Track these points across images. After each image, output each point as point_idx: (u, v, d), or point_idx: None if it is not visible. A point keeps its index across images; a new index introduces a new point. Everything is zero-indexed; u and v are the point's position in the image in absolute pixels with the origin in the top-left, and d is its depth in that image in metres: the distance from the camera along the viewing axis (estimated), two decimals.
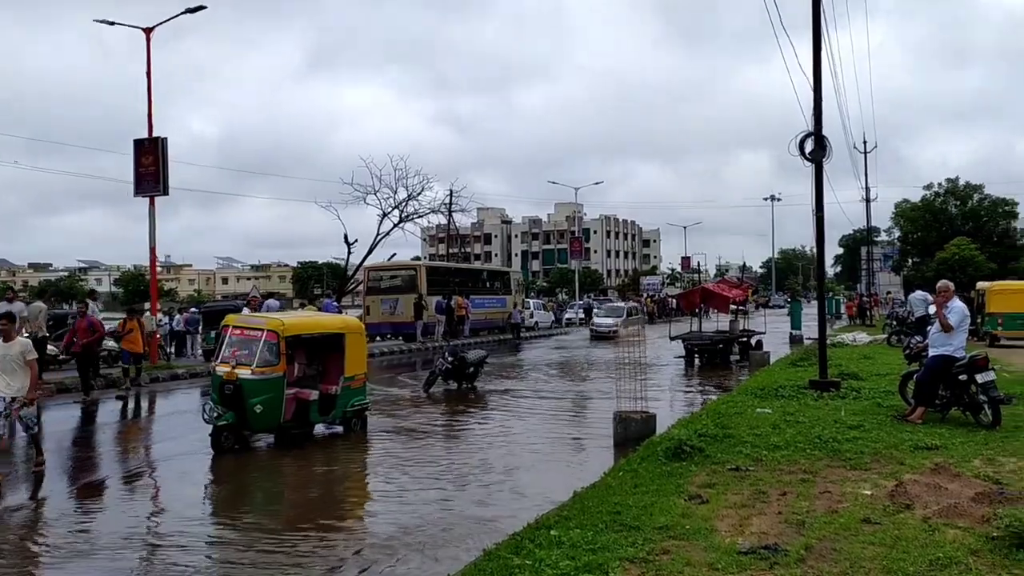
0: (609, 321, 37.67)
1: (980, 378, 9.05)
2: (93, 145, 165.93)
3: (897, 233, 66.38)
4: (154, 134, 20.65)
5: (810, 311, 34.34)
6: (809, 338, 28.12)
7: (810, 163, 12.69)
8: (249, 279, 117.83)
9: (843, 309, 51.99)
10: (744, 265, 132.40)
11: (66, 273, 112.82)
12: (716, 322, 26.82)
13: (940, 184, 62.08)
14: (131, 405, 16.09)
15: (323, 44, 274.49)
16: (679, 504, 6.64)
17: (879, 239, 74.67)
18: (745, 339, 24.81)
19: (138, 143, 20.66)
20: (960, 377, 9.27)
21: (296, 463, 10.60)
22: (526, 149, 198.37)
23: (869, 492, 6.60)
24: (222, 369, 11.03)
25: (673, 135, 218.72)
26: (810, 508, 6.28)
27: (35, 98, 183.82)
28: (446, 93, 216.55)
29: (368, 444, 11.64)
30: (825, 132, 12.90)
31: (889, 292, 52.01)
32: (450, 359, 17.30)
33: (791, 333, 31.04)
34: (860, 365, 16.04)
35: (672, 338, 23.14)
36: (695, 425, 10.04)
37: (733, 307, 23.76)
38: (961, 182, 61.14)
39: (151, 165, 20.27)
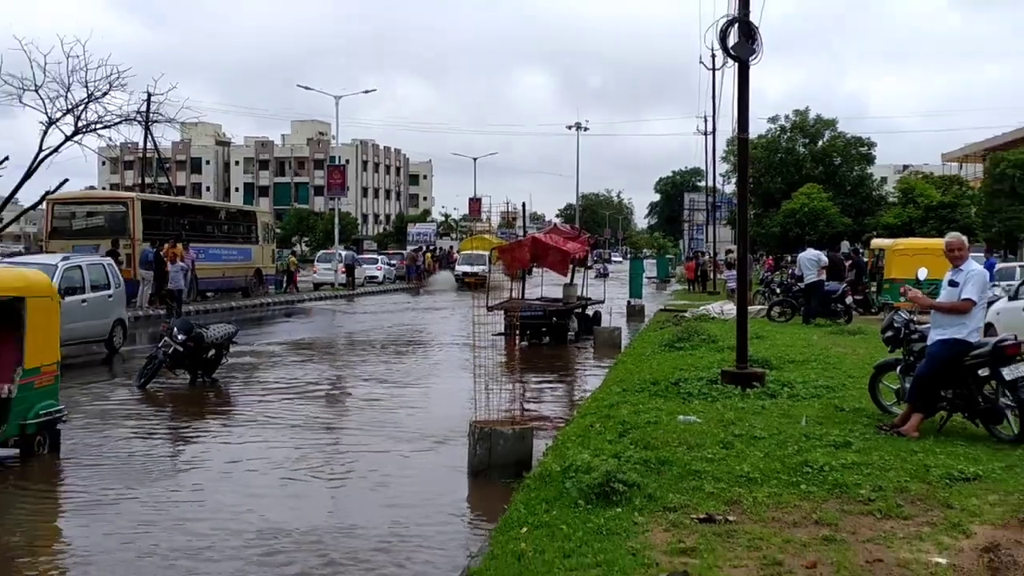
0: None
1: (1007, 373, 8.53)
2: None
3: (734, 177, 69.77)
4: None
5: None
6: (670, 309, 28.33)
7: (734, 60, 11.86)
8: None
9: (675, 271, 54.07)
10: (535, 214, 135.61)
11: None
12: (540, 287, 26.24)
13: (787, 117, 65.60)
14: None
15: None
16: None
17: (702, 185, 78.65)
18: (582, 310, 24.35)
19: None
20: (979, 372, 8.72)
21: None
22: (249, 53, 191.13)
23: (943, 560, 5.66)
24: None
25: (438, 46, 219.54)
26: None
27: None
28: None
29: (62, 481, 9.55)
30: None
31: (729, 251, 54.53)
32: (180, 338, 15.08)
33: (629, 302, 31.19)
34: (757, 347, 15.74)
35: (489, 308, 22.04)
36: (598, 443, 8.96)
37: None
38: (812, 115, 64.85)
39: None
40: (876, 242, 29.50)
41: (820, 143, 65.16)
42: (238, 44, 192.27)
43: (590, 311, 24.99)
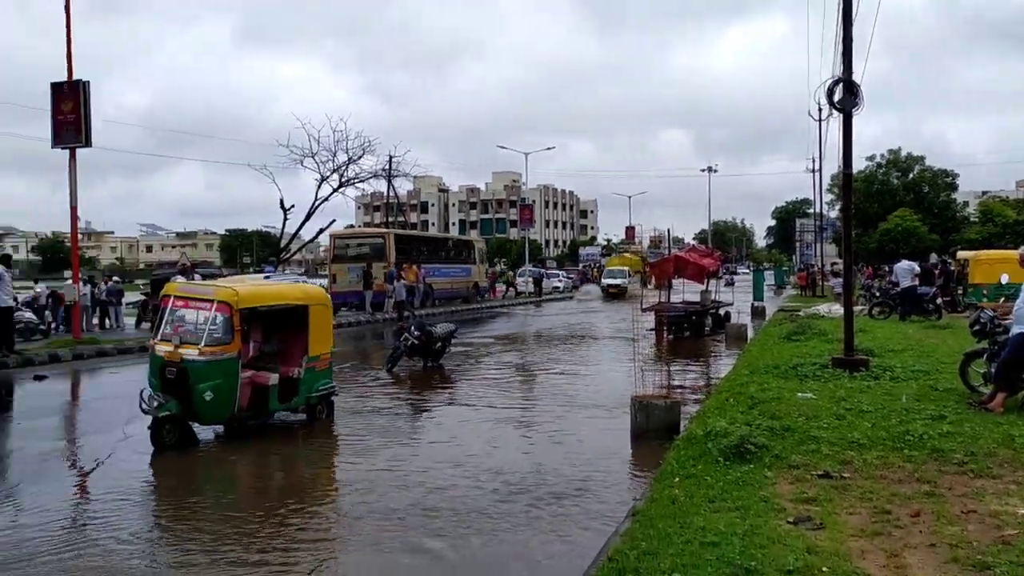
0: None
1: None
2: (16, 111, 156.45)
3: (838, 204, 66.48)
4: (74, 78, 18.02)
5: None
6: (787, 310, 27.18)
7: (839, 112, 11.22)
8: (174, 247, 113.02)
9: (790, 280, 51.70)
10: (676, 237, 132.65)
11: None
12: (682, 293, 25.59)
13: (882, 155, 62.08)
14: (54, 387, 13.82)
15: (256, 21, 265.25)
16: (786, 530, 5.09)
17: (811, 211, 75.12)
18: (715, 310, 23.65)
19: (56, 87, 17.92)
20: None
21: (258, 463, 8.78)
22: (460, 123, 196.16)
23: None
24: (163, 348, 9.04)
25: (599, 113, 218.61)
26: (968, 536, 4.80)
27: None
28: (379, 69, 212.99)
29: (338, 437, 9.82)
30: (780, 97, 11.40)
31: (834, 263, 51.78)
32: (416, 334, 15.48)
33: (753, 304, 30.05)
34: (861, 339, 14.81)
35: (643, 309, 21.71)
36: (732, 414, 8.60)
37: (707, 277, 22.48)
38: (903, 153, 61.16)
39: (71, 112, 17.64)
40: (961, 254, 27.28)
41: (911, 175, 61.23)
42: (453, 117, 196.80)
43: (721, 311, 24.22)
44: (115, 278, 28.91)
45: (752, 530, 5.08)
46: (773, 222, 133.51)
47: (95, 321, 23.15)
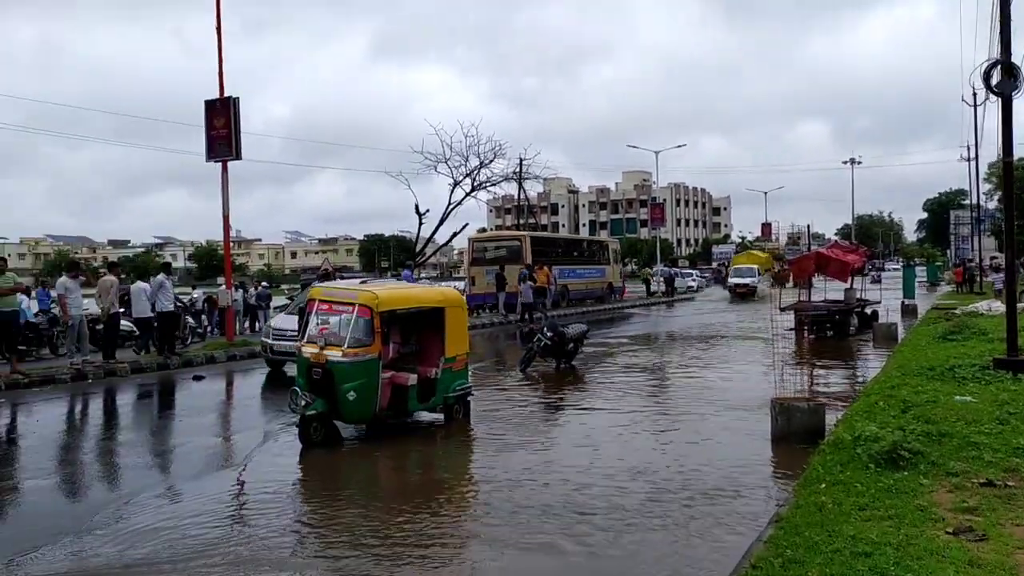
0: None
1: None
2: (174, 129, 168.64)
3: (996, 194, 61.92)
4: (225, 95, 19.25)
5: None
6: (941, 308, 25.62)
7: (997, 96, 10.48)
8: (317, 253, 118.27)
9: (944, 276, 48.62)
10: (816, 233, 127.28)
11: (143, 249, 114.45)
12: (824, 292, 24.55)
13: None
14: (209, 387, 14.78)
15: (389, 34, 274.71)
16: (945, 541, 4.80)
17: (966, 203, 70.33)
18: (860, 309, 22.55)
19: (209, 104, 19.25)
20: None
21: (400, 460, 9.07)
22: (589, 124, 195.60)
23: None
24: (309, 350, 9.49)
25: (732, 107, 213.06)
26: None
27: (125, 89, 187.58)
28: (509, 74, 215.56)
29: (476, 436, 10.01)
30: (918, 84, 10.61)
31: (994, 257, 48.33)
32: (549, 335, 15.57)
33: (903, 302, 28.46)
34: None
35: (782, 309, 20.96)
36: (883, 418, 8.19)
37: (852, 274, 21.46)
38: None
39: (223, 128, 18.87)
40: None
41: None
42: (582, 118, 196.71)
43: (868, 310, 23.07)
44: (263, 283, 30.58)
45: (907, 540, 4.83)
46: (924, 215, 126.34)
47: (246, 324, 24.58)
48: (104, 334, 16.16)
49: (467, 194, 38.05)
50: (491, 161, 37.83)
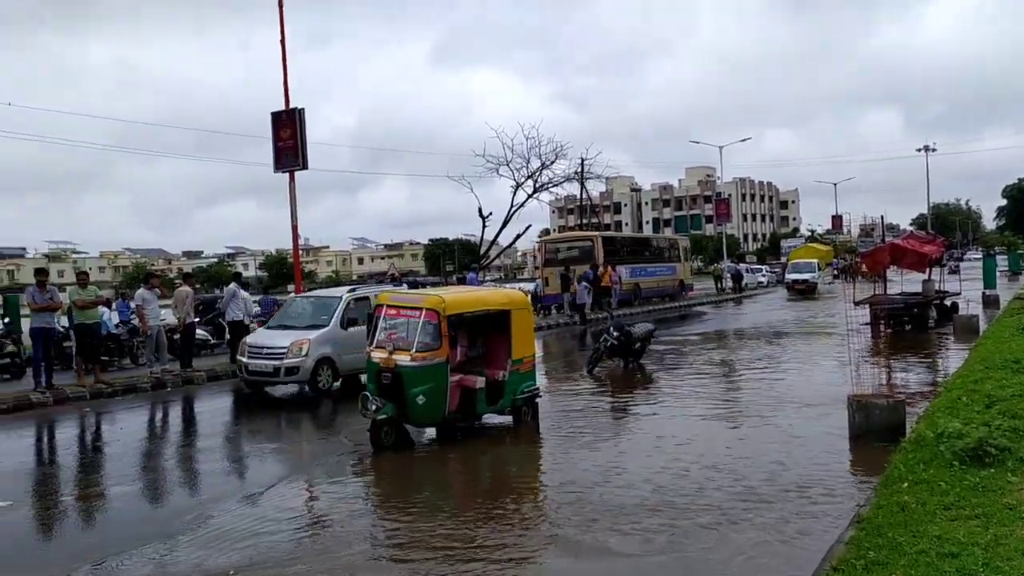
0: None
1: None
2: (243, 141, 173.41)
3: None
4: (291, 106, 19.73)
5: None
6: (1023, 298, 24.62)
7: None
8: (383, 258, 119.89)
9: None
10: (890, 224, 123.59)
11: (215, 259, 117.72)
12: (900, 284, 23.84)
13: None
14: (284, 390, 15.11)
15: (448, 40, 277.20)
16: None
17: None
18: (939, 301, 21.80)
19: (276, 116, 19.79)
20: None
21: (472, 462, 9.15)
22: (651, 121, 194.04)
23: None
24: (378, 355, 9.61)
25: (797, 99, 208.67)
26: None
27: (197, 105, 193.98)
28: (569, 75, 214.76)
29: (545, 437, 10.00)
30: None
31: None
32: (615, 334, 15.47)
33: (984, 293, 27.42)
34: None
35: (857, 303, 20.39)
36: (966, 413, 7.91)
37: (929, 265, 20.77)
38: None
39: (290, 139, 19.37)
40: None
41: None
42: (643, 116, 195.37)
43: (947, 302, 22.30)
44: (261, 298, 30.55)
45: (996, 540, 4.66)
46: (1003, 201, 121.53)
47: None
48: (181, 343, 16.65)
49: (529, 196, 38.19)
50: (552, 162, 37.90)
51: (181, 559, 6.08)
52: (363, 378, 11.64)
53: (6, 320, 18.88)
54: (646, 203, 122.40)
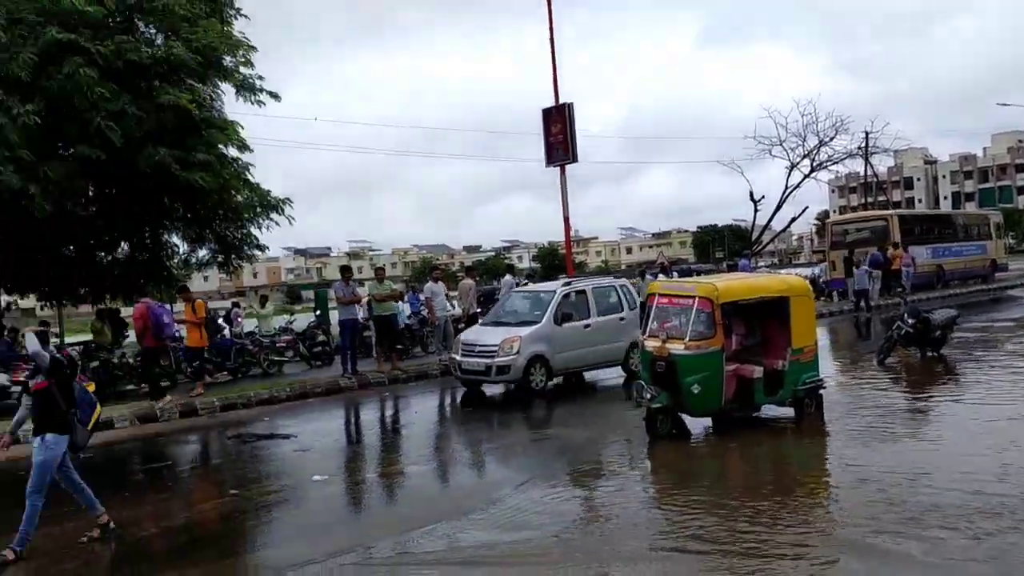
0: None
1: None
2: (517, 139, 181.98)
3: None
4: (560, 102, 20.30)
5: None
6: None
7: None
8: (651, 247, 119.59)
9: None
10: None
11: (492, 253, 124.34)
12: None
13: None
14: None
15: (715, 21, 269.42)
16: None
17: None
18: None
19: (546, 112, 20.43)
20: None
21: (753, 454, 8.84)
22: (946, 88, 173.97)
23: None
24: (651, 344, 9.59)
25: None
26: None
27: (474, 106, 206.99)
28: (848, 44, 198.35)
29: (832, 430, 9.41)
30: None
31: None
32: (910, 322, 14.13)
33: None
34: None
35: None
36: None
37: None
38: None
39: (559, 133, 19.91)
40: None
41: None
42: (938, 81, 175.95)
43: None
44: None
45: None
46: None
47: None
48: None
49: (805, 176, 36.10)
50: (832, 138, 35.45)
51: (470, 539, 6.45)
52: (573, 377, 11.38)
53: (317, 312, 21.37)
54: (943, 176, 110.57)
